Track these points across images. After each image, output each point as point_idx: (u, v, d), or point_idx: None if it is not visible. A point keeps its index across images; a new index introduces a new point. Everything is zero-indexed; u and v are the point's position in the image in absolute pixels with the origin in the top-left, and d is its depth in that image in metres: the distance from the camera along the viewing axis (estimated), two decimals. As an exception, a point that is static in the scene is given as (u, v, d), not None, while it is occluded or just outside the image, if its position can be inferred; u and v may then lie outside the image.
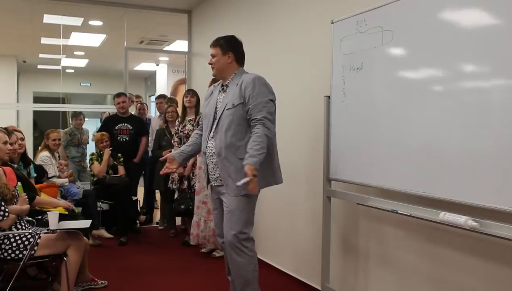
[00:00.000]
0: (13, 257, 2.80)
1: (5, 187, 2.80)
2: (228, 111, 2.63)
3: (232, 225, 2.63)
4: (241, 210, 2.62)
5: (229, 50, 2.72)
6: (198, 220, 4.26)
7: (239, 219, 2.62)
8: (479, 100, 1.96)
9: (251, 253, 2.66)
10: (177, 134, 4.67)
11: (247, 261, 2.64)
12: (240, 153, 2.59)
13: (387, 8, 2.43)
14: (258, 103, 2.58)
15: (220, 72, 2.76)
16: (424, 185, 2.22)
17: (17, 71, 9.54)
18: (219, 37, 2.77)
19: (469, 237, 2.14)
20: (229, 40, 2.75)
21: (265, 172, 2.62)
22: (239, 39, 2.79)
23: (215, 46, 2.74)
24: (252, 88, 2.59)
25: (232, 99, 2.64)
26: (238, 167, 2.58)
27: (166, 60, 9.32)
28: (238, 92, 2.62)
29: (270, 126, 2.58)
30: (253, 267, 2.68)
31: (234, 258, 2.65)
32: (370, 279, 2.86)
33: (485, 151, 1.93)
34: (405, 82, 2.36)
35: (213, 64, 2.76)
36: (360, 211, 2.88)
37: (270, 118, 2.59)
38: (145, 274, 3.77)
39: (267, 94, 2.62)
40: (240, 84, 2.64)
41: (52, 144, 4.54)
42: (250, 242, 2.67)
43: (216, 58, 2.73)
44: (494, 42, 1.90)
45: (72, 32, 7.07)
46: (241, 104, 2.61)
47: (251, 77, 2.63)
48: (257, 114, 2.57)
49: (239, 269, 2.66)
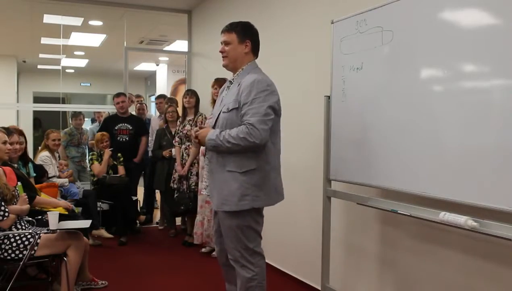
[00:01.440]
0: (13, 257, 2.80)
1: (5, 187, 2.80)
2: (223, 115, 2.36)
3: (234, 243, 2.38)
4: (231, 229, 2.36)
5: (247, 38, 2.38)
6: (202, 219, 4.26)
7: (235, 240, 2.37)
8: (480, 100, 1.96)
9: (257, 269, 2.39)
10: (178, 134, 4.67)
11: (251, 276, 2.38)
12: (229, 164, 2.31)
13: (387, 8, 2.43)
14: (251, 108, 2.25)
15: (233, 62, 2.41)
16: (424, 185, 2.21)
17: (17, 71, 9.54)
18: (234, 22, 2.41)
19: (469, 237, 2.14)
20: (247, 27, 2.41)
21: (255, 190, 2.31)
22: (255, 27, 2.46)
23: (229, 32, 2.38)
24: (248, 94, 2.26)
25: (228, 102, 2.36)
26: (224, 179, 2.33)
27: (166, 60, 9.32)
28: (236, 95, 2.32)
29: (253, 135, 2.21)
30: (257, 283, 2.39)
31: (238, 271, 2.42)
32: (370, 279, 2.86)
33: (485, 151, 1.93)
34: (405, 82, 2.36)
35: (225, 52, 2.40)
36: (360, 211, 2.88)
37: (259, 127, 2.21)
38: (145, 274, 3.77)
39: (265, 100, 2.26)
40: (240, 86, 2.34)
41: (52, 145, 4.54)
42: (257, 257, 2.41)
43: (231, 46, 2.38)
44: (494, 42, 1.89)
45: (72, 32, 7.08)
46: (235, 110, 2.30)
47: (251, 80, 2.30)
48: (248, 118, 2.24)
49: (242, 282, 2.41)
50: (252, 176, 2.30)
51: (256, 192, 2.31)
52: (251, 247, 2.39)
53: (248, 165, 2.30)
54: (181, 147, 4.65)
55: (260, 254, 2.44)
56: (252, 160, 2.30)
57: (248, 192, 2.29)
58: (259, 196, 2.32)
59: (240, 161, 2.30)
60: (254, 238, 2.40)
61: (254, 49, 2.45)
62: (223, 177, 2.34)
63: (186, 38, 6.06)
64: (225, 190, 2.32)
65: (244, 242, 2.37)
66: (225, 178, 2.33)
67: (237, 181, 2.30)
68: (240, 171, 2.30)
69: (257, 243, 2.43)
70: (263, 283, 2.43)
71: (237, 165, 2.30)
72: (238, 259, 2.39)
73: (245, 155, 2.29)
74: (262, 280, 2.43)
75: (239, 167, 2.30)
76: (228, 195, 2.32)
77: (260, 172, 2.32)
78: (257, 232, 2.43)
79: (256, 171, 2.31)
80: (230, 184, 2.31)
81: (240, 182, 2.30)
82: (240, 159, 2.30)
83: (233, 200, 2.31)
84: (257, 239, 2.43)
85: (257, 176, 2.31)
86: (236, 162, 2.30)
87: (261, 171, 2.32)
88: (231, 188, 2.31)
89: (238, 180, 2.30)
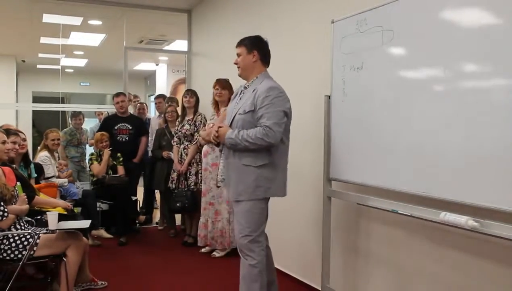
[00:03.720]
0: (13, 258, 2.80)
1: (4, 187, 2.80)
2: (239, 116, 2.64)
3: (238, 228, 2.65)
4: (243, 212, 2.62)
5: (253, 49, 2.70)
6: (205, 221, 4.25)
7: (245, 222, 2.61)
8: (480, 100, 1.96)
9: (259, 258, 2.61)
10: (177, 134, 4.67)
11: (253, 263, 2.61)
12: (245, 159, 2.59)
13: (387, 7, 2.43)
14: (268, 112, 2.53)
15: (244, 70, 2.73)
16: (424, 185, 2.21)
17: (16, 71, 9.53)
18: (244, 37, 2.76)
19: (470, 237, 2.13)
20: (254, 39, 2.75)
21: (267, 182, 2.60)
22: (264, 39, 2.76)
23: (240, 46, 2.74)
24: (264, 99, 2.55)
25: (244, 105, 2.63)
26: (240, 173, 2.60)
27: (165, 59, 9.31)
28: (252, 99, 2.60)
29: (269, 136, 2.51)
30: (258, 271, 2.62)
31: (242, 260, 2.66)
32: (370, 279, 2.85)
33: (485, 151, 1.92)
34: (405, 82, 2.36)
35: (238, 63, 2.74)
36: (360, 211, 2.88)
37: (275, 129, 2.51)
38: (145, 274, 3.76)
39: (280, 105, 2.56)
40: (255, 91, 2.61)
41: (51, 144, 4.54)
42: (256, 245, 2.62)
43: (241, 57, 2.72)
44: (495, 41, 1.89)
45: (72, 32, 7.07)
46: (251, 112, 2.59)
47: (267, 86, 2.59)
48: (264, 121, 2.53)
49: (243, 269, 2.65)
50: (265, 170, 2.59)
51: (268, 184, 2.61)
52: (254, 235, 2.62)
53: (262, 160, 2.59)
54: (179, 146, 4.65)
55: (262, 244, 2.66)
56: (265, 156, 2.59)
57: (261, 183, 2.59)
58: (270, 187, 2.62)
59: (255, 156, 2.58)
60: (257, 227, 2.64)
61: (263, 59, 2.74)
62: (239, 171, 2.62)
63: (186, 38, 6.06)
64: (242, 182, 2.60)
65: (248, 229, 2.61)
66: (242, 171, 2.61)
67: (253, 174, 2.58)
68: (255, 165, 2.58)
69: (261, 232, 2.66)
70: (264, 273, 2.66)
71: (252, 159, 2.58)
72: (243, 248, 2.63)
73: (259, 151, 2.57)
74: (263, 269, 2.65)
75: (254, 161, 2.58)
76: (244, 186, 2.60)
77: (272, 166, 2.62)
78: (261, 221, 2.67)
79: (268, 165, 2.60)
80: (246, 177, 2.59)
81: (255, 174, 2.58)
82: (256, 155, 2.58)
83: (248, 191, 2.59)
84: (261, 227, 2.66)
85: (269, 170, 2.60)
86: (252, 157, 2.58)
87: (272, 166, 2.62)
88: (247, 180, 2.59)
89: (253, 173, 2.58)
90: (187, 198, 4.48)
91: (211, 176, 4.17)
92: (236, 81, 3.21)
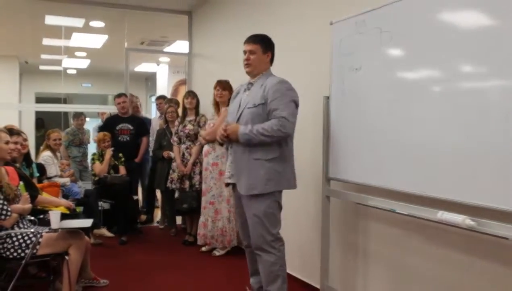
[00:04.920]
0: (15, 256, 2.82)
1: (7, 186, 2.82)
2: (249, 110, 2.65)
3: (258, 229, 2.65)
4: (261, 213, 2.63)
5: (268, 50, 2.76)
6: (205, 220, 4.27)
7: (267, 221, 2.63)
8: (478, 100, 1.98)
9: (279, 254, 2.68)
10: (177, 134, 4.70)
11: (274, 260, 2.66)
12: (256, 153, 2.61)
13: (386, 9, 2.45)
14: (281, 103, 2.57)
15: (255, 68, 2.74)
16: (422, 185, 2.23)
17: (19, 72, 9.56)
18: (257, 34, 2.77)
19: (467, 236, 2.15)
20: (268, 40, 2.78)
21: (277, 175, 2.63)
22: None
23: (254, 43, 2.72)
24: (276, 91, 2.59)
25: (254, 99, 2.66)
26: (251, 167, 2.62)
27: (166, 60, 9.33)
28: (261, 93, 2.63)
29: (286, 127, 2.55)
30: (279, 267, 2.67)
31: (262, 257, 2.67)
32: (369, 278, 2.87)
33: (482, 151, 1.95)
34: (403, 83, 2.38)
35: (250, 60, 2.72)
36: (359, 210, 2.90)
37: (290, 120, 2.56)
38: (146, 273, 3.79)
39: (291, 97, 2.62)
40: (264, 85, 2.65)
41: (53, 144, 4.58)
42: (278, 243, 2.68)
43: (256, 55, 2.71)
44: (492, 43, 1.91)
45: (74, 33, 7.09)
46: (261, 105, 2.62)
47: (276, 80, 2.65)
48: (279, 113, 2.55)
49: (265, 267, 2.68)
50: (275, 163, 2.62)
51: (279, 177, 2.64)
52: (274, 232, 2.66)
53: (273, 153, 2.62)
54: (180, 146, 4.68)
55: (281, 240, 2.71)
56: (276, 149, 2.63)
57: (272, 176, 2.61)
58: (280, 180, 2.66)
59: (266, 150, 2.61)
60: (276, 224, 2.69)
61: (272, 59, 2.83)
62: (250, 165, 2.63)
63: (187, 39, 6.09)
64: (253, 176, 2.62)
65: (268, 228, 2.64)
66: (253, 165, 2.62)
67: (264, 168, 2.61)
68: (265, 159, 2.61)
69: (279, 229, 2.70)
70: (284, 267, 2.71)
71: (263, 153, 2.61)
72: (262, 246, 2.65)
73: (270, 144, 2.60)
74: (284, 264, 2.70)
75: (265, 155, 2.61)
76: (255, 180, 2.62)
77: (282, 160, 2.65)
78: (279, 218, 2.71)
79: (278, 158, 2.63)
80: (257, 171, 2.61)
81: (266, 168, 2.61)
82: (266, 148, 2.61)
83: (260, 184, 2.61)
84: (278, 225, 2.70)
85: (279, 163, 2.64)
86: (263, 151, 2.61)
87: (282, 159, 2.65)
88: (258, 174, 2.61)
89: (264, 167, 2.61)
90: (194, 199, 4.50)
91: (211, 175, 4.20)
92: (236, 82, 3.24)
